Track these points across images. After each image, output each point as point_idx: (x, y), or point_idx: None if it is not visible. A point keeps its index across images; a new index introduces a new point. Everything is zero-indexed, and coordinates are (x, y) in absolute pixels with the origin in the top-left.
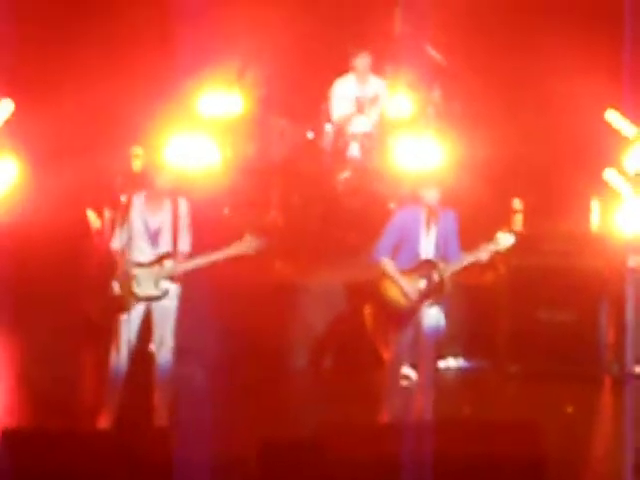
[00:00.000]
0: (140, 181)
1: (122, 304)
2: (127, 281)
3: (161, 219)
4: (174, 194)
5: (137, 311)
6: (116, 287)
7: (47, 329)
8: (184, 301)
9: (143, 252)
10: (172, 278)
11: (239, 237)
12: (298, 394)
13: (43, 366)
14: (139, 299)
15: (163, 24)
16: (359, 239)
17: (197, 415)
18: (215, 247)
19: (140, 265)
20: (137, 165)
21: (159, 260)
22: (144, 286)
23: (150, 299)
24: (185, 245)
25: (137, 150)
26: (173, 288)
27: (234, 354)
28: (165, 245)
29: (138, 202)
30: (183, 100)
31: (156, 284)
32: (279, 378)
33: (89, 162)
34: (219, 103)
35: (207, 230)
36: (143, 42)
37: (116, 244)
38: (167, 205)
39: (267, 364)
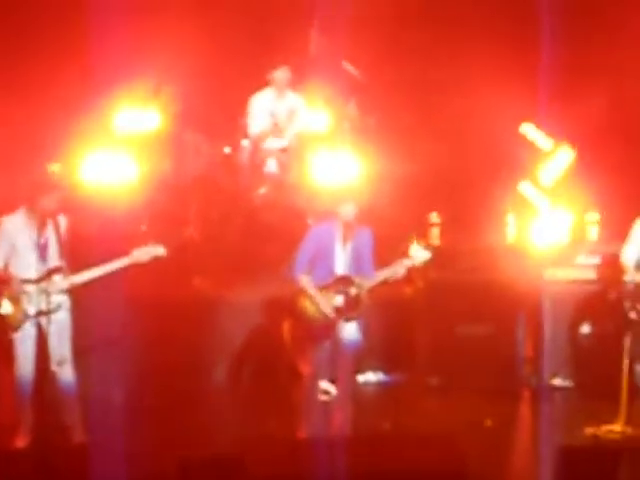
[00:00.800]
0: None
1: (13, 322)
2: (16, 298)
3: (47, 235)
4: (57, 212)
5: (31, 328)
6: (6, 305)
7: None
8: (95, 316)
9: (31, 268)
10: (65, 292)
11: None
12: (217, 409)
13: None
14: (31, 316)
15: (79, 40)
16: (277, 254)
17: (114, 432)
18: None
19: (29, 281)
20: (53, 182)
21: (48, 275)
22: (34, 302)
23: (42, 314)
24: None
25: (54, 167)
26: (65, 301)
27: (152, 369)
28: (53, 260)
29: (22, 219)
30: (99, 117)
31: (47, 299)
32: (197, 393)
33: (5, 178)
34: (135, 119)
35: (124, 246)
36: (59, 58)
37: None
38: (50, 222)
39: (185, 379)
